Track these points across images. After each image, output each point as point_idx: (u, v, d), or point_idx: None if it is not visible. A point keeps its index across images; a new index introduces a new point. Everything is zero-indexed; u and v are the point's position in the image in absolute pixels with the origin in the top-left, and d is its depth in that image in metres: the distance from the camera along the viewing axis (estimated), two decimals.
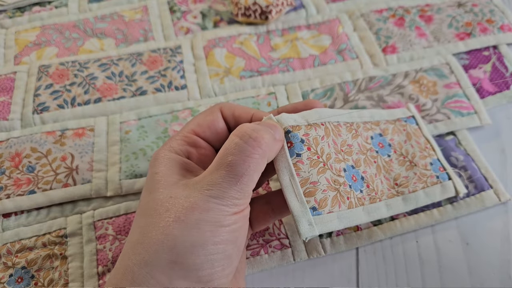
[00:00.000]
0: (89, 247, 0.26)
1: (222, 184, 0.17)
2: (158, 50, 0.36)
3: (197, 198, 0.17)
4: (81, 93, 0.34)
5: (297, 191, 0.20)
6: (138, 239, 0.17)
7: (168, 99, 0.33)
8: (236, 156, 0.17)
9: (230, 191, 0.17)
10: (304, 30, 0.38)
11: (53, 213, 0.28)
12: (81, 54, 0.37)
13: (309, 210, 0.19)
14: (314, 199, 0.20)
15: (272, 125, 0.20)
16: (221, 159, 0.18)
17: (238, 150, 0.18)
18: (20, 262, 0.26)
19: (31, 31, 0.39)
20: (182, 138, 0.22)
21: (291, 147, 0.20)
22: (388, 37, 0.37)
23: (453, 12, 0.38)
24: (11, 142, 0.31)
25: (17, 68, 0.35)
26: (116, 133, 0.31)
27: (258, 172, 0.18)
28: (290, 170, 0.20)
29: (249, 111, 0.23)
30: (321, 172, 0.20)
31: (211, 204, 0.17)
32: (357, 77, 0.34)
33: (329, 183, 0.20)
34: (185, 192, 0.18)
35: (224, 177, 0.17)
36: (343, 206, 0.21)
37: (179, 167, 0.20)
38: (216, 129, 0.22)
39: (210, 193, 0.17)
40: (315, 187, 0.20)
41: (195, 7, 0.40)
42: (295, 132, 0.21)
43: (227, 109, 0.23)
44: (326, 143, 0.21)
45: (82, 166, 0.29)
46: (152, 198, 0.18)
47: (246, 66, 0.35)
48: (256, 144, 0.18)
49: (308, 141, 0.21)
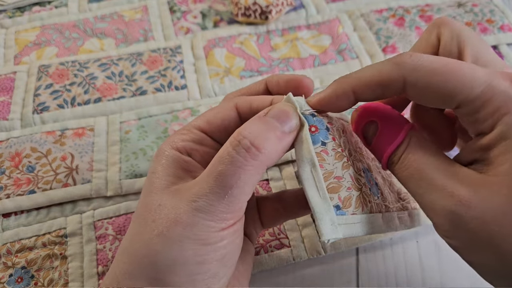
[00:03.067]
0: (89, 247, 0.26)
1: (209, 196, 0.16)
2: (158, 50, 0.36)
3: (182, 210, 0.16)
4: (81, 93, 0.34)
5: (320, 185, 0.17)
6: (126, 247, 0.17)
7: (168, 99, 0.33)
8: (226, 166, 0.16)
9: (218, 205, 0.16)
10: (304, 30, 0.38)
11: (53, 213, 0.28)
12: (81, 54, 0.37)
13: (333, 208, 0.17)
14: (338, 196, 0.17)
15: (281, 113, 0.17)
16: (212, 167, 0.16)
17: (229, 160, 0.16)
18: (20, 262, 0.26)
19: (31, 31, 0.39)
20: (186, 133, 0.20)
21: (316, 132, 0.17)
22: (388, 37, 0.37)
23: (453, 12, 0.38)
24: (11, 142, 0.31)
25: (17, 68, 0.35)
26: (116, 133, 0.31)
27: (253, 183, 0.16)
28: (312, 160, 0.17)
29: (267, 99, 0.19)
30: (345, 167, 0.18)
31: (196, 219, 0.16)
32: None
33: (353, 181, 0.18)
34: (173, 201, 0.16)
35: (212, 187, 0.16)
36: (365, 209, 0.18)
37: (176, 167, 0.19)
38: (227, 128, 0.20)
39: (196, 206, 0.16)
40: (339, 183, 0.17)
41: (195, 7, 0.40)
42: (320, 117, 0.18)
43: (243, 104, 0.20)
44: (345, 139, 0.19)
45: (82, 166, 0.29)
46: (144, 203, 0.18)
47: (246, 66, 0.35)
48: (250, 155, 0.16)
49: (332, 130, 0.18)
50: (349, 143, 0.20)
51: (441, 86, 0.15)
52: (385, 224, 0.19)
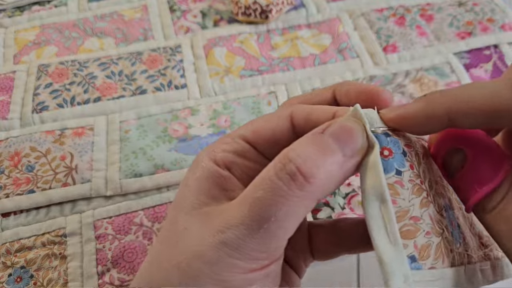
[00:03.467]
0: (88, 246, 0.26)
1: (240, 227, 0.13)
2: (158, 49, 0.36)
3: (207, 241, 0.13)
4: (80, 92, 0.33)
5: (391, 228, 0.13)
6: (147, 268, 0.15)
7: (168, 98, 0.33)
8: (264, 193, 0.13)
9: (249, 240, 0.13)
10: (305, 29, 0.38)
11: (52, 213, 0.28)
12: (80, 53, 0.36)
13: (407, 259, 0.13)
14: (413, 244, 0.13)
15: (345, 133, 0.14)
16: (249, 191, 0.13)
17: (270, 186, 0.13)
18: (19, 262, 0.26)
19: (31, 30, 0.38)
20: (229, 142, 0.16)
21: (389, 157, 0.14)
22: (389, 36, 0.36)
23: (453, 11, 0.38)
24: (10, 141, 0.31)
25: (16, 67, 0.35)
26: (115, 133, 0.31)
27: (296, 218, 0.13)
28: (382, 194, 0.13)
29: (329, 111, 0.16)
30: (424, 205, 0.14)
31: (221, 254, 0.13)
32: (357, 76, 0.34)
33: (433, 224, 0.14)
34: (199, 228, 0.14)
35: (244, 217, 0.13)
36: (446, 262, 0.14)
37: (212, 183, 0.16)
38: (278, 141, 0.16)
39: (223, 238, 0.13)
40: (416, 226, 0.13)
41: (195, 6, 0.40)
42: (395, 137, 0.14)
43: (300, 114, 0.16)
44: (426, 165, 0.15)
45: (82, 165, 0.29)
46: (171, 221, 0.15)
47: (246, 65, 0.35)
48: (296, 184, 0.13)
49: (410, 155, 0.14)
50: (430, 171, 0.16)
51: None
52: (467, 281, 0.15)
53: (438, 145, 0.15)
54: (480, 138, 0.14)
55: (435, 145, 0.15)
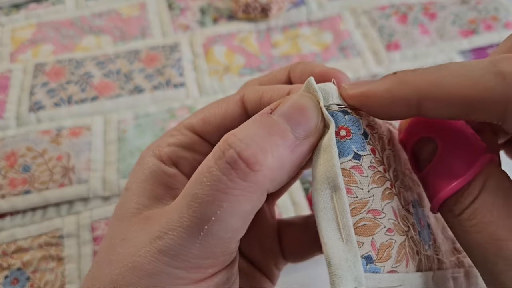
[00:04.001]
0: (85, 248, 0.26)
1: (179, 231, 0.11)
2: (157, 47, 0.36)
3: (144, 251, 0.11)
4: (78, 91, 0.33)
5: (344, 222, 0.11)
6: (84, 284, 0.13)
7: (166, 97, 0.33)
8: (203, 188, 0.11)
9: (190, 245, 0.11)
10: (306, 27, 0.37)
11: (49, 214, 0.28)
12: (78, 51, 0.36)
13: (361, 260, 0.11)
14: (371, 242, 0.11)
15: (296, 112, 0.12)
16: (187, 189, 0.12)
17: (209, 179, 0.11)
18: (15, 263, 0.25)
19: (27, 28, 0.38)
20: (176, 134, 0.15)
21: (347, 138, 0.12)
22: (391, 34, 0.36)
23: (457, 9, 0.37)
24: (6, 141, 0.30)
25: (12, 66, 0.35)
26: (113, 132, 0.31)
27: (243, 215, 0.11)
28: (335, 180, 0.11)
29: (283, 90, 0.14)
30: (387, 197, 0.12)
31: (158, 265, 0.11)
32: (359, 75, 0.33)
33: (397, 219, 0.12)
34: (137, 235, 0.12)
35: (183, 219, 0.11)
36: (411, 265, 0.12)
37: (155, 183, 0.14)
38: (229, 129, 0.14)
39: (161, 245, 0.11)
40: (375, 221, 0.11)
41: (194, 3, 0.39)
42: (355, 115, 0.12)
43: (252, 96, 0.14)
44: (391, 153, 0.13)
45: (79, 165, 0.29)
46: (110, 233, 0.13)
47: (246, 64, 0.35)
48: (238, 174, 0.11)
49: (373, 138, 0.12)
50: (397, 160, 0.13)
51: None
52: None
53: (408, 133, 0.13)
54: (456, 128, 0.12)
55: (404, 132, 0.13)
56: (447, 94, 0.10)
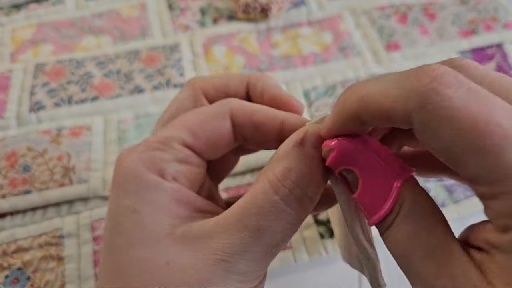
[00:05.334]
0: (86, 248, 0.26)
1: (246, 256, 0.12)
2: (157, 47, 0.36)
3: (209, 271, 0.12)
4: (78, 91, 0.33)
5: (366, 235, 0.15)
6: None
7: (167, 97, 0.33)
8: (271, 222, 0.12)
9: (255, 265, 0.13)
10: (306, 27, 0.37)
11: (49, 214, 0.28)
12: (78, 51, 0.36)
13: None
14: None
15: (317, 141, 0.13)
16: (244, 216, 0.13)
17: (275, 213, 0.12)
18: (16, 263, 0.25)
19: (28, 28, 0.38)
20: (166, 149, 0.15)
21: None
22: (391, 35, 0.36)
23: (456, 9, 0.38)
24: (7, 141, 0.30)
25: (13, 66, 0.35)
26: (113, 132, 0.31)
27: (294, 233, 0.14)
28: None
29: (276, 116, 0.15)
30: None
31: (229, 282, 0.12)
32: (359, 75, 0.33)
33: None
34: (189, 257, 0.12)
35: (248, 245, 0.12)
36: None
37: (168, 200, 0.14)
38: (219, 141, 0.15)
39: (228, 266, 0.12)
40: None
41: (194, 4, 0.40)
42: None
43: (241, 114, 0.15)
44: None
45: (79, 165, 0.29)
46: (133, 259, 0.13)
47: (246, 64, 0.35)
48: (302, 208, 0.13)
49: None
50: None
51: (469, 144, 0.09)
52: None
53: (330, 164, 0.13)
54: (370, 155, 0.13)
55: (328, 162, 0.13)
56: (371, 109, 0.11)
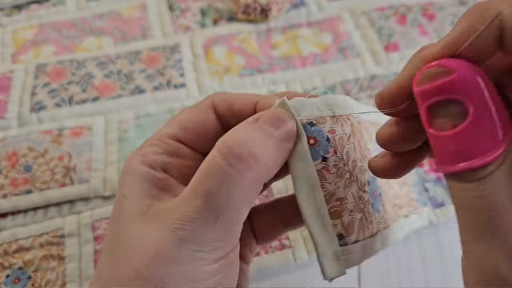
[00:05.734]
0: (87, 247, 0.26)
1: (197, 221, 0.13)
2: (157, 48, 0.36)
3: (166, 241, 0.13)
4: (79, 91, 0.33)
5: (322, 211, 0.14)
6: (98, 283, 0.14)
7: (167, 97, 0.33)
8: (215, 184, 0.13)
9: (208, 232, 0.13)
10: (305, 28, 0.37)
11: (50, 213, 0.28)
12: (79, 52, 0.36)
13: (336, 238, 0.14)
14: (340, 222, 0.15)
15: (275, 120, 0.14)
16: (197, 184, 0.13)
17: (219, 175, 0.13)
18: (17, 263, 0.25)
19: (29, 29, 0.38)
20: (159, 144, 0.17)
21: (315, 146, 0.14)
22: (390, 35, 0.36)
23: (455, 10, 0.38)
24: (8, 141, 0.30)
25: (14, 67, 0.35)
26: (114, 132, 0.31)
27: (250, 202, 0.14)
28: (312, 180, 0.14)
29: (252, 99, 0.17)
30: (348, 185, 0.15)
31: (182, 251, 0.13)
32: (358, 76, 0.34)
33: (355, 201, 0.15)
34: (153, 230, 0.14)
35: (200, 211, 0.13)
36: (367, 233, 0.16)
37: (152, 186, 0.15)
38: (207, 132, 0.17)
39: (182, 234, 0.13)
40: (342, 206, 0.15)
41: (194, 4, 0.40)
42: (320, 125, 0.15)
43: (222, 104, 0.17)
44: (352, 145, 0.16)
45: (80, 165, 0.29)
46: (117, 235, 0.14)
47: (246, 64, 0.35)
48: (245, 166, 0.13)
49: (334, 140, 0.15)
50: (356, 150, 0.16)
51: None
52: (380, 245, 0.17)
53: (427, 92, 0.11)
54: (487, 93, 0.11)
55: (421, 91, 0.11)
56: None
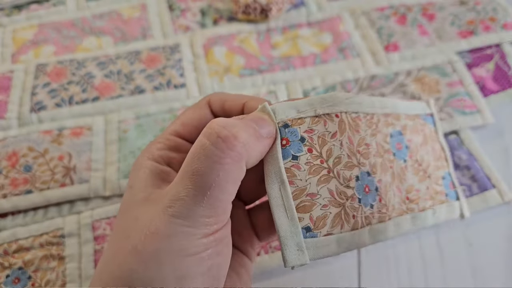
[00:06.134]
0: (87, 247, 0.26)
1: (186, 199, 0.14)
2: (157, 48, 0.36)
3: (159, 219, 0.14)
4: (79, 91, 0.33)
5: (288, 205, 0.16)
6: (101, 268, 0.15)
7: (167, 97, 0.33)
8: (201, 163, 0.14)
9: (197, 208, 0.14)
10: (305, 28, 0.37)
11: (50, 213, 0.28)
12: (79, 52, 0.36)
13: (301, 230, 0.16)
14: (309, 217, 0.16)
15: (258, 119, 0.16)
16: (186, 166, 0.15)
17: (204, 154, 0.14)
18: (17, 263, 0.25)
19: (29, 29, 0.38)
20: (162, 141, 0.19)
21: (287, 146, 0.16)
22: (390, 35, 0.36)
23: (455, 10, 0.38)
24: (8, 141, 0.30)
25: (14, 67, 0.35)
26: (114, 132, 0.31)
27: (234, 181, 0.15)
28: (280, 177, 0.16)
29: (240, 100, 0.19)
30: (323, 181, 0.16)
31: (173, 226, 0.14)
32: (358, 76, 0.34)
33: (333, 197, 0.16)
34: (150, 212, 0.15)
35: (189, 190, 0.14)
36: (346, 227, 0.17)
37: (155, 177, 0.17)
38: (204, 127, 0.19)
39: (173, 212, 0.14)
40: (312, 201, 0.16)
41: (194, 5, 0.40)
42: (294, 127, 0.16)
43: (217, 102, 0.19)
44: (338, 142, 0.17)
45: (80, 165, 0.29)
46: (121, 220, 0.16)
47: (246, 65, 0.35)
48: (226, 145, 0.14)
49: (310, 139, 0.17)
50: (348, 144, 0.17)
51: None
52: (371, 238, 0.18)
53: None
54: None
55: None
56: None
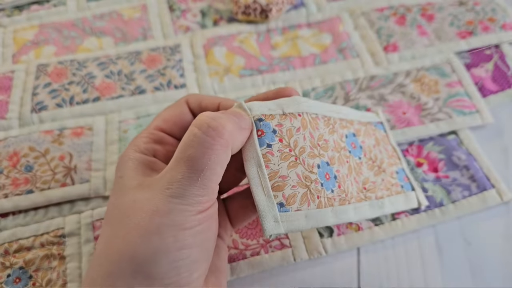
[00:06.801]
0: (87, 247, 0.26)
1: (182, 181, 0.16)
2: (157, 48, 0.36)
3: (158, 199, 0.16)
4: (79, 92, 0.33)
5: (265, 184, 0.18)
6: (102, 249, 0.17)
7: (167, 98, 0.33)
8: (195, 149, 0.16)
9: (192, 188, 0.16)
10: (305, 29, 0.37)
11: (51, 213, 0.28)
12: (79, 53, 0.36)
13: (276, 205, 0.18)
14: (282, 195, 0.19)
15: (237, 113, 0.18)
16: (180, 153, 0.17)
17: (197, 142, 0.16)
18: (18, 262, 0.26)
19: (30, 29, 0.38)
20: (147, 135, 0.21)
21: (262, 136, 0.19)
22: (390, 36, 0.36)
23: (454, 10, 0.38)
24: (9, 141, 0.30)
25: (15, 67, 0.35)
26: (114, 132, 0.31)
27: (222, 164, 0.17)
28: (258, 161, 0.18)
29: (215, 100, 0.22)
30: (292, 166, 0.19)
31: (172, 205, 0.16)
32: (358, 76, 0.34)
33: (300, 179, 0.19)
34: (147, 194, 0.17)
35: (184, 173, 0.16)
36: (312, 205, 0.19)
37: (144, 167, 0.19)
38: (183, 123, 0.21)
39: (170, 193, 0.16)
40: (284, 182, 0.19)
41: (194, 5, 0.40)
42: (267, 121, 0.19)
43: (194, 101, 0.22)
44: (301, 136, 0.20)
45: (81, 165, 0.29)
46: (116, 205, 0.18)
47: (246, 65, 0.35)
48: (216, 134, 0.17)
49: (281, 132, 0.20)
50: (310, 137, 0.20)
51: None
52: (334, 217, 0.20)
53: None
54: None
55: None
56: None
